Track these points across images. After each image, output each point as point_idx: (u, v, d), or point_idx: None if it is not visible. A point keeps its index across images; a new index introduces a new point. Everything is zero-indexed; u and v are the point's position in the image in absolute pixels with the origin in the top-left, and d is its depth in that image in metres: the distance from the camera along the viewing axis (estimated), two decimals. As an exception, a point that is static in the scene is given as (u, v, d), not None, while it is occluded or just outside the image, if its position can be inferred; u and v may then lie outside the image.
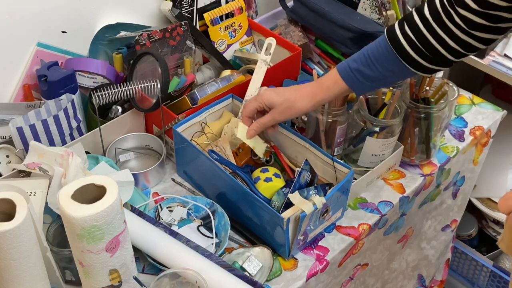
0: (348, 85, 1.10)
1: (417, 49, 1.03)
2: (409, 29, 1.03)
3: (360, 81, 1.09)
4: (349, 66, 1.09)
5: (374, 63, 1.07)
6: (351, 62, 1.09)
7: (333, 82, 1.11)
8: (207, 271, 0.98)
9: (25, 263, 0.88)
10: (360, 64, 1.08)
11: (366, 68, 1.08)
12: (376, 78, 1.08)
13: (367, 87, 1.11)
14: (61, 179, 1.02)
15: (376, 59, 1.07)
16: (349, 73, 1.09)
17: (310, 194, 1.11)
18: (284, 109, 1.13)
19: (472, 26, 0.98)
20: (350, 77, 1.09)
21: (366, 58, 1.07)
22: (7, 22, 1.17)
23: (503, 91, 2.09)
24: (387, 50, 1.06)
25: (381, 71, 1.07)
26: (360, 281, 1.37)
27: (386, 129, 1.22)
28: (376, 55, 1.07)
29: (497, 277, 1.88)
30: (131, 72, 1.26)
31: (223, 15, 1.47)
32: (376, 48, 1.07)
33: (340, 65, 1.11)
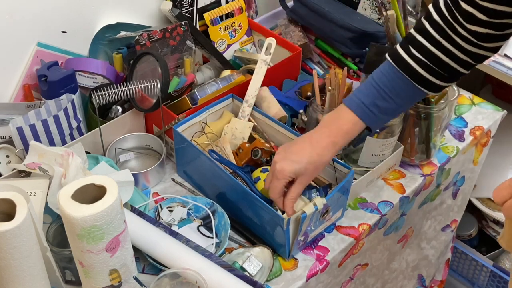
0: (367, 123, 1.04)
1: (429, 68, 1.00)
2: (416, 50, 1.00)
3: (377, 116, 1.03)
4: (363, 103, 1.02)
5: (388, 94, 1.02)
6: (364, 98, 1.03)
7: (352, 125, 1.03)
8: (207, 271, 0.98)
9: (25, 263, 0.88)
10: (374, 98, 1.02)
11: (381, 101, 1.02)
12: (392, 109, 1.04)
13: (383, 121, 1.07)
14: (61, 179, 1.02)
15: (389, 89, 1.02)
16: (366, 111, 1.03)
17: (311, 196, 1.11)
18: (311, 172, 1.05)
19: (480, 38, 0.96)
20: (367, 115, 1.03)
21: (378, 90, 1.02)
22: (7, 22, 1.17)
23: (503, 91, 2.09)
24: (398, 77, 1.01)
25: (396, 100, 1.02)
26: (360, 281, 1.37)
27: (386, 129, 1.22)
28: (388, 85, 1.02)
29: (497, 277, 1.88)
30: (131, 72, 1.26)
31: (223, 15, 1.47)
32: (386, 77, 1.02)
33: (352, 103, 1.03)
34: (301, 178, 1.04)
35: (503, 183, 0.82)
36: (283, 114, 1.32)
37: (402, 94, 1.03)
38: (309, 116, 1.28)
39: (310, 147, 1.04)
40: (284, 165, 1.03)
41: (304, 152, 1.04)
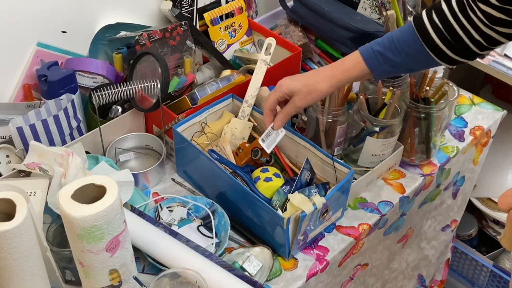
0: (369, 67, 1.09)
1: (443, 37, 1.02)
2: (436, 17, 1.02)
3: (381, 64, 1.08)
4: (372, 48, 1.08)
5: (398, 48, 1.06)
6: (375, 45, 1.08)
7: (355, 64, 1.09)
8: (207, 271, 0.98)
9: (25, 263, 0.88)
10: (384, 48, 1.07)
11: (389, 52, 1.07)
12: (397, 64, 1.08)
13: (387, 72, 1.11)
14: (61, 179, 1.02)
15: (401, 45, 1.06)
16: (372, 56, 1.08)
17: (311, 193, 1.12)
18: (304, 94, 1.11)
19: (492, 21, 0.98)
20: (372, 59, 1.08)
21: (390, 42, 1.07)
22: (7, 22, 1.17)
23: (503, 91, 2.09)
24: (412, 36, 1.05)
25: (404, 57, 1.06)
26: (360, 281, 1.37)
27: (386, 129, 1.22)
28: (401, 41, 1.06)
29: (497, 277, 1.88)
30: (131, 72, 1.26)
31: (223, 15, 1.47)
32: (401, 34, 1.07)
33: (363, 47, 1.10)
34: (294, 98, 1.12)
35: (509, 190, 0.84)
36: (283, 114, 1.32)
37: (411, 54, 1.06)
38: (309, 116, 1.28)
39: (311, 75, 1.13)
40: (284, 82, 1.13)
41: (305, 77, 1.13)
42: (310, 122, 1.28)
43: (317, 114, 1.25)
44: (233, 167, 1.17)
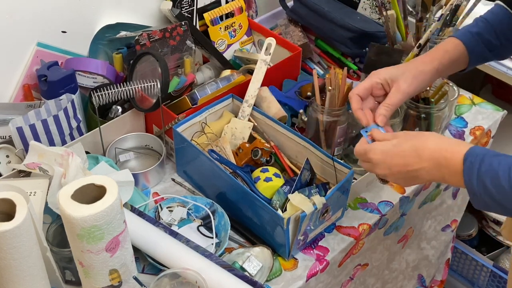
0: (468, 49, 1.07)
1: None
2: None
3: (479, 44, 1.07)
4: (470, 31, 1.07)
5: (495, 29, 1.06)
6: (471, 28, 1.07)
7: (454, 46, 1.07)
8: (207, 271, 0.98)
9: (25, 263, 0.88)
10: (480, 29, 1.07)
11: (486, 34, 1.06)
12: (495, 46, 1.07)
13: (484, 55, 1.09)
14: (61, 179, 1.02)
15: (497, 26, 1.06)
16: (470, 37, 1.07)
17: (311, 193, 1.12)
18: (411, 78, 1.01)
19: None
20: (471, 40, 1.07)
21: (486, 25, 1.06)
22: (7, 22, 1.17)
23: (503, 91, 2.09)
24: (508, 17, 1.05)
25: (500, 38, 1.07)
26: (360, 281, 1.37)
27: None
28: (496, 22, 1.06)
29: (497, 277, 1.88)
30: (131, 72, 1.26)
31: (223, 15, 1.47)
32: (495, 16, 1.07)
33: (458, 32, 1.08)
34: (398, 85, 1.01)
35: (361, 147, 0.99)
36: (283, 114, 1.32)
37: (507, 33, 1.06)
38: (309, 116, 1.28)
39: (408, 63, 1.06)
40: (381, 70, 1.03)
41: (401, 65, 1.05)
42: (310, 122, 1.28)
43: (317, 114, 1.25)
44: (233, 167, 1.17)
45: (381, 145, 0.97)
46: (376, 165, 0.98)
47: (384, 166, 0.96)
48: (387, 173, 0.97)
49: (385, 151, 0.96)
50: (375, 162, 0.97)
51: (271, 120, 1.25)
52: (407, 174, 0.94)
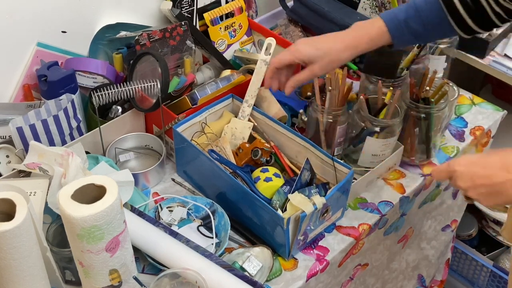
0: (392, 37, 1.08)
1: (467, 6, 1.03)
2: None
3: (405, 34, 1.07)
4: (397, 17, 1.06)
5: (422, 18, 1.06)
6: (399, 13, 1.07)
7: (380, 33, 1.08)
8: (207, 271, 0.98)
9: (25, 263, 0.88)
10: (408, 17, 1.06)
11: (414, 23, 1.06)
12: (420, 34, 1.08)
13: (408, 40, 1.10)
14: (61, 179, 1.02)
15: (425, 14, 1.06)
16: (397, 25, 1.07)
17: (311, 193, 1.12)
18: (326, 63, 1.07)
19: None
20: (396, 29, 1.07)
21: (414, 11, 1.06)
22: (7, 22, 1.17)
23: (503, 91, 2.09)
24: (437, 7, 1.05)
25: (426, 27, 1.06)
26: (360, 281, 1.37)
27: (386, 129, 1.22)
28: (425, 10, 1.06)
29: (497, 277, 1.88)
30: (131, 72, 1.26)
31: (223, 15, 1.47)
32: (425, 3, 1.06)
33: (387, 15, 1.08)
34: (313, 66, 1.07)
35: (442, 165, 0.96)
36: (283, 114, 1.32)
37: (434, 24, 1.06)
38: (309, 116, 1.28)
39: (333, 42, 1.07)
40: (302, 47, 1.06)
41: (326, 44, 1.07)
42: (310, 122, 1.28)
43: (317, 114, 1.25)
44: (233, 167, 1.17)
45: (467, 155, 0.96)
46: (459, 176, 0.94)
47: (467, 178, 0.93)
48: (470, 185, 0.92)
49: (470, 161, 0.94)
50: (459, 173, 0.93)
51: (271, 120, 1.25)
52: (491, 188, 0.90)
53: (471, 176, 0.92)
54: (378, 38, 1.08)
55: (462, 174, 0.93)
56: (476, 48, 1.67)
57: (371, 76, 1.32)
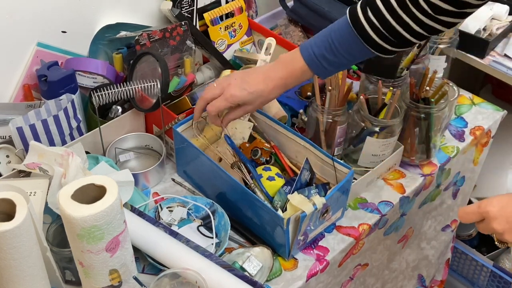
0: (314, 72, 1.10)
1: (381, 35, 1.03)
2: (372, 15, 1.02)
3: (325, 67, 1.08)
4: (314, 53, 1.07)
5: (338, 49, 1.06)
6: (316, 48, 1.07)
7: (302, 72, 1.10)
8: (207, 271, 0.98)
9: (25, 263, 0.88)
10: (325, 50, 1.07)
11: (330, 54, 1.06)
12: (340, 63, 1.08)
13: (331, 72, 1.11)
14: (61, 179, 1.02)
15: (341, 45, 1.06)
16: (315, 61, 1.08)
17: (311, 194, 1.12)
18: (258, 104, 1.12)
19: (438, 12, 0.98)
20: (316, 64, 1.08)
21: (330, 44, 1.06)
22: (7, 22, 1.17)
23: (503, 91, 2.09)
24: (350, 36, 1.05)
25: (345, 55, 1.07)
26: (360, 281, 1.37)
27: (386, 129, 1.22)
28: (340, 41, 1.05)
29: (497, 277, 1.88)
30: (131, 72, 1.26)
31: (223, 15, 1.47)
32: (340, 33, 1.06)
33: (305, 50, 1.09)
34: (246, 106, 1.12)
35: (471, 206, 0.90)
36: (283, 114, 1.32)
37: (351, 52, 1.07)
38: (309, 116, 1.28)
39: (264, 84, 1.10)
40: (237, 92, 1.10)
41: (258, 86, 1.10)
42: (310, 122, 1.28)
43: (317, 114, 1.25)
44: (243, 158, 1.17)
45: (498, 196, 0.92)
46: (493, 218, 0.89)
47: (503, 220, 0.89)
48: (506, 227, 0.89)
49: (504, 203, 0.90)
50: (492, 215, 0.89)
51: (271, 120, 1.25)
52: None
53: (507, 218, 0.89)
54: (303, 75, 1.11)
55: (497, 215, 0.89)
56: (476, 48, 1.67)
57: (371, 76, 1.32)
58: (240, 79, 1.11)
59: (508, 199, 0.90)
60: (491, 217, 0.90)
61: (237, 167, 1.17)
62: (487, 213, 0.90)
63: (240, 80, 1.11)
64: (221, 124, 1.15)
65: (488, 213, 0.90)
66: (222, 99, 1.11)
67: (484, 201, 0.91)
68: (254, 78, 1.11)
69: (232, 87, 1.10)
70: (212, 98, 1.12)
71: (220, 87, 1.12)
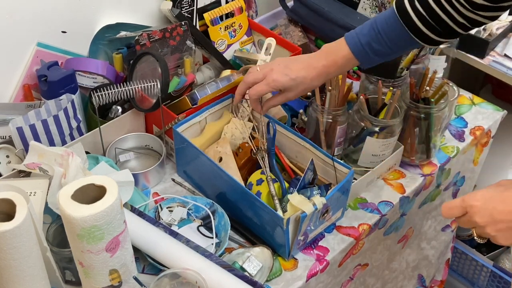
0: (359, 61, 1.11)
1: (427, 23, 1.04)
2: (419, 3, 1.04)
3: (370, 56, 1.09)
4: (360, 41, 1.08)
5: (384, 38, 1.07)
6: (362, 37, 1.08)
7: (347, 60, 1.11)
8: (207, 271, 0.98)
9: (25, 263, 0.88)
10: (371, 39, 1.08)
11: (377, 43, 1.08)
12: (385, 53, 1.09)
13: (375, 61, 1.12)
14: (61, 179, 1.02)
15: (387, 35, 1.07)
16: (361, 49, 1.09)
17: (313, 194, 1.12)
18: (300, 91, 1.13)
19: (475, 7, 1.00)
20: (361, 53, 1.09)
21: (376, 33, 1.07)
22: (7, 22, 1.17)
23: (503, 91, 2.09)
24: (397, 25, 1.06)
25: (390, 46, 1.08)
26: (360, 281, 1.37)
27: (386, 129, 1.22)
28: (387, 31, 1.07)
29: (497, 277, 1.88)
30: (131, 72, 1.26)
31: (223, 15, 1.47)
32: (386, 23, 1.07)
33: (351, 39, 1.10)
34: (287, 93, 1.13)
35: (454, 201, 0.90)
36: (283, 114, 1.32)
37: (397, 42, 1.08)
38: (309, 116, 1.28)
39: (306, 71, 1.11)
40: (280, 77, 1.11)
41: (300, 73, 1.11)
42: (310, 122, 1.28)
43: (317, 114, 1.25)
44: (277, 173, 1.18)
45: (482, 191, 0.91)
46: (476, 212, 0.89)
47: (486, 213, 0.88)
48: (489, 221, 0.88)
49: (487, 197, 0.90)
50: (476, 208, 0.89)
51: (271, 120, 1.25)
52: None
53: (490, 212, 0.88)
54: (347, 64, 1.12)
55: (480, 209, 0.89)
56: (476, 48, 1.67)
57: (371, 76, 1.32)
58: (283, 65, 1.12)
59: (492, 194, 0.90)
60: (474, 211, 0.90)
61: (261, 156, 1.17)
62: (471, 207, 0.90)
63: (283, 66, 1.12)
64: (261, 110, 1.17)
65: (471, 207, 0.90)
66: (264, 84, 1.12)
67: (467, 195, 0.92)
68: (297, 65, 1.12)
69: (275, 72, 1.12)
70: (254, 82, 1.13)
71: (262, 71, 1.13)
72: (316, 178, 1.18)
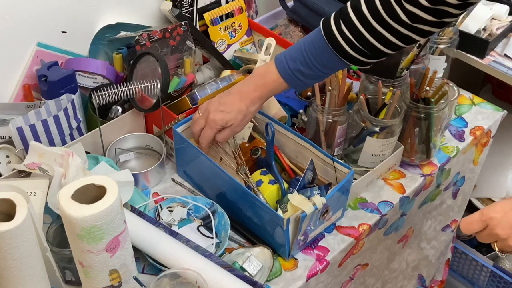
0: (290, 85, 1.11)
1: (355, 47, 1.03)
2: (345, 27, 1.02)
3: (300, 80, 1.09)
4: (289, 67, 1.08)
5: (313, 62, 1.06)
6: (291, 63, 1.08)
7: (277, 84, 1.11)
8: (207, 271, 0.98)
9: (25, 263, 0.88)
10: (300, 64, 1.07)
11: (306, 68, 1.07)
12: (315, 76, 1.09)
13: (307, 84, 1.12)
14: (61, 179, 1.02)
15: (315, 58, 1.06)
16: (290, 75, 1.09)
17: (313, 194, 1.12)
18: (241, 121, 1.13)
19: (417, 21, 0.98)
20: (291, 78, 1.09)
21: (305, 58, 1.07)
22: (7, 22, 1.17)
23: (503, 91, 2.09)
24: (325, 48, 1.05)
25: (320, 69, 1.07)
26: (360, 281, 1.37)
27: (386, 129, 1.22)
28: (315, 54, 1.06)
29: (497, 277, 1.88)
30: (131, 72, 1.26)
31: (223, 15, 1.47)
32: (314, 47, 1.06)
33: (280, 63, 1.09)
34: (231, 127, 1.14)
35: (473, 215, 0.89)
36: (283, 114, 1.32)
37: (327, 64, 1.08)
38: (309, 116, 1.28)
39: (240, 100, 1.12)
40: (216, 116, 1.12)
41: (234, 104, 1.12)
42: (310, 122, 1.28)
43: (317, 114, 1.25)
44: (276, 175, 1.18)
45: (501, 202, 0.90)
46: (496, 225, 0.88)
47: (507, 225, 0.87)
48: (510, 233, 0.87)
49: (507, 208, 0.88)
50: (496, 220, 0.88)
51: (271, 120, 1.25)
52: None
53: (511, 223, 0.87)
54: (279, 87, 1.12)
55: (501, 221, 0.87)
56: (476, 48, 1.67)
57: (371, 76, 1.32)
58: (217, 102, 1.14)
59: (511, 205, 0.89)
60: (495, 223, 0.88)
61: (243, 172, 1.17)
62: (491, 219, 0.88)
63: (217, 103, 1.14)
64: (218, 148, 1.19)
65: (492, 220, 0.88)
66: (208, 128, 1.14)
67: (486, 208, 0.90)
68: (230, 97, 1.14)
69: (211, 112, 1.13)
70: (200, 129, 1.15)
71: (203, 116, 1.14)
72: (316, 178, 1.18)
